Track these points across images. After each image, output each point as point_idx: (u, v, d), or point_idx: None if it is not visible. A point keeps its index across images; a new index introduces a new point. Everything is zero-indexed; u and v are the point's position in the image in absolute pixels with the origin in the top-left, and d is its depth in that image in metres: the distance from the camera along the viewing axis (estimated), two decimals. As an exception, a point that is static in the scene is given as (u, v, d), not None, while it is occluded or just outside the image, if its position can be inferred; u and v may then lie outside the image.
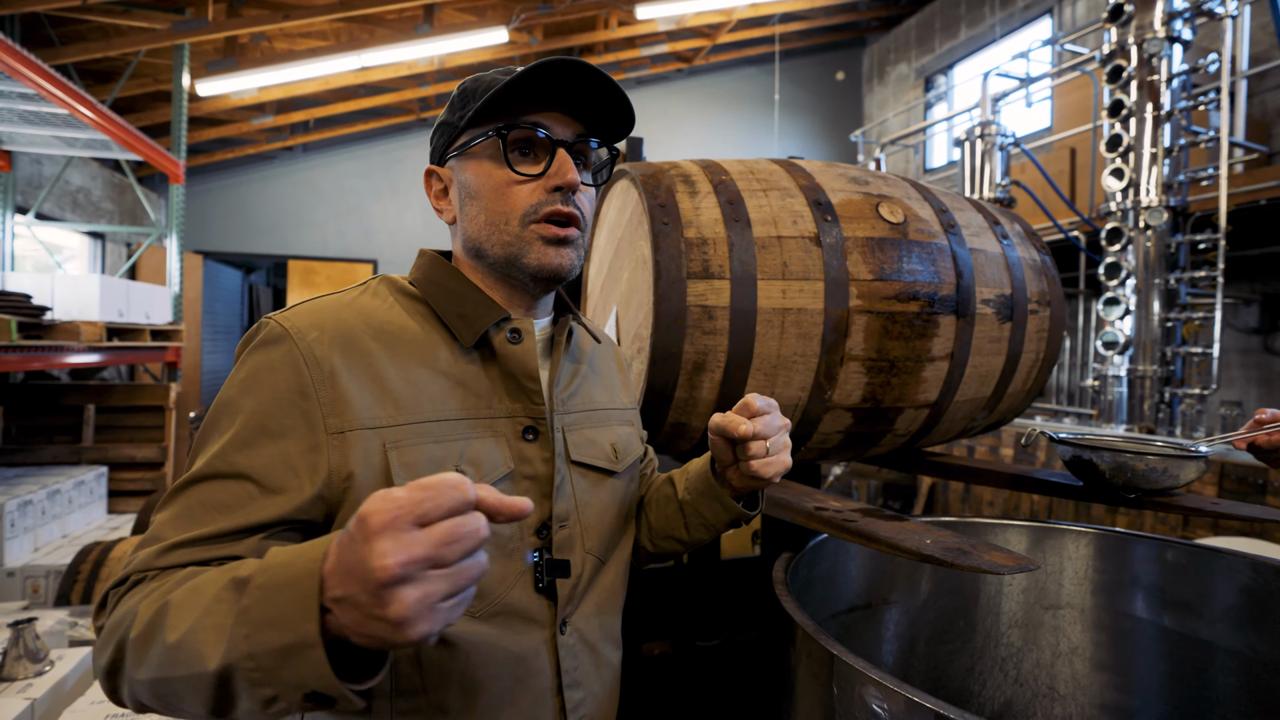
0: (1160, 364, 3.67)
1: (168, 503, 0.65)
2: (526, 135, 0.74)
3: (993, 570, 0.79)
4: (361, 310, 0.74)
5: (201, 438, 0.68)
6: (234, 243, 8.00)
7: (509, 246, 0.75)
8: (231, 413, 0.67)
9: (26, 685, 1.82)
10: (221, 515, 0.63)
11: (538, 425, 0.76)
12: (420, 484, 0.46)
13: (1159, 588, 1.19)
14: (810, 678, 0.84)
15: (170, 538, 0.62)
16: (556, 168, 0.74)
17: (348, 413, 0.68)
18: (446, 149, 0.79)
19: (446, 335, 0.76)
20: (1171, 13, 3.60)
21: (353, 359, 0.70)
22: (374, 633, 0.46)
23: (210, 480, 0.64)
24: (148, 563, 0.61)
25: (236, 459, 0.65)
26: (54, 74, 3.35)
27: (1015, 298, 1.48)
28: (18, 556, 3.33)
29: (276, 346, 0.69)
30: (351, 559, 0.46)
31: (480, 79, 0.76)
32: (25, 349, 3.10)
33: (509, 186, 0.75)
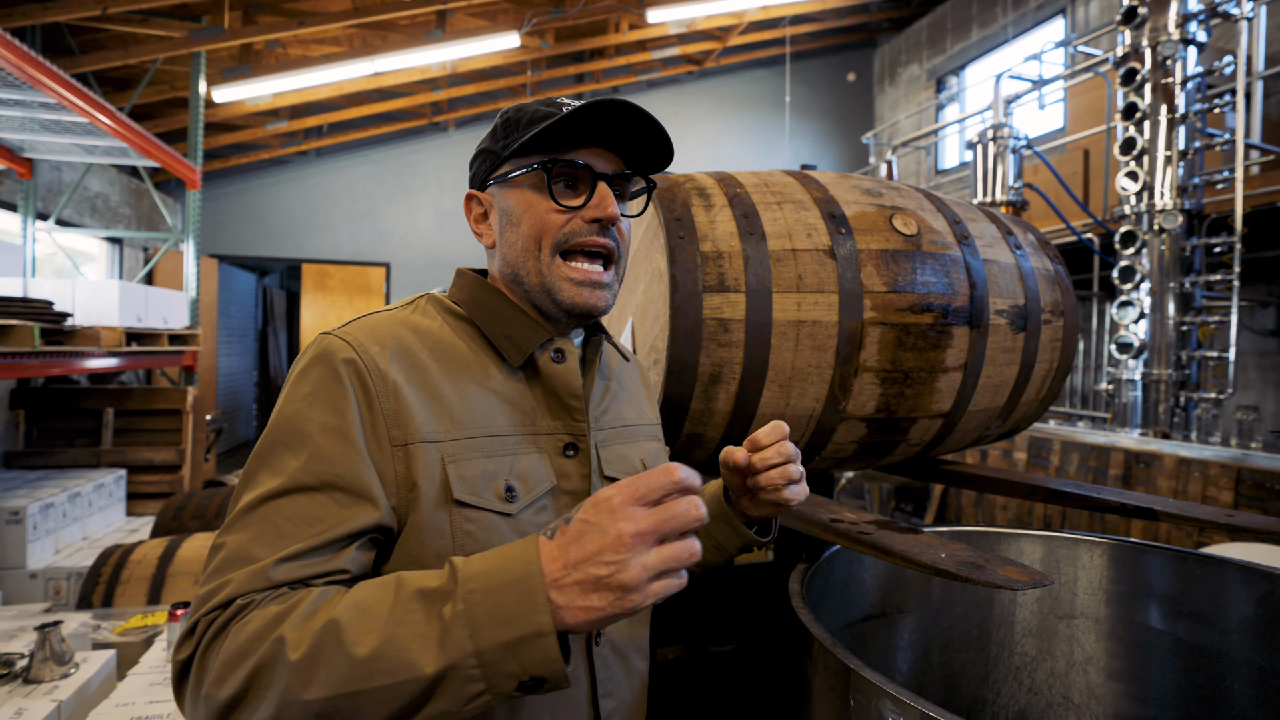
0: (1175, 368, 3.65)
1: (243, 521, 0.64)
2: (567, 170, 0.77)
3: (1007, 586, 0.80)
4: (415, 328, 0.77)
5: (267, 453, 0.67)
6: (248, 247, 8.08)
7: (542, 277, 0.77)
8: (302, 426, 0.67)
9: (53, 688, 1.86)
10: (314, 528, 0.63)
11: (578, 442, 0.79)
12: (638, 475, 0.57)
13: (1173, 598, 1.20)
14: (826, 689, 0.85)
15: (265, 557, 0.61)
16: (597, 200, 0.76)
17: (410, 426, 0.70)
18: (488, 175, 0.82)
19: (493, 354, 0.79)
20: (1186, 14, 3.57)
21: (412, 374, 0.72)
22: (597, 604, 0.54)
23: (294, 494, 0.64)
24: (249, 584, 0.60)
25: (321, 470, 0.65)
26: (74, 83, 3.41)
27: (1029, 308, 1.49)
28: (40, 559, 3.39)
29: (340, 360, 0.70)
30: (586, 536, 0.55)
31: (523, 110, 0.78)
32: (47, 354, 3.16)
33: (549, 215, 0.77)
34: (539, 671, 0.55)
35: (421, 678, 0.54)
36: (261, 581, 0.60)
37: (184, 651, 0.60)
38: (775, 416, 1.33)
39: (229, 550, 0.62)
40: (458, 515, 0.70)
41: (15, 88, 3.28)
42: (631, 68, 8.57)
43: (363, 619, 0.56)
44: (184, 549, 3.11)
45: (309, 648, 0.55)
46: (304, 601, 0.59)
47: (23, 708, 1.73)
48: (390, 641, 0.55)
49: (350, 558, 0.64)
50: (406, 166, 8.47)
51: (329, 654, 0.55)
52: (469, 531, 0.70)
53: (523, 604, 0.54)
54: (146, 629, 2.41)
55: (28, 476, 3.85)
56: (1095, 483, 3.61)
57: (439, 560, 0.69)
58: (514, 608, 0.54)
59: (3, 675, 1.89)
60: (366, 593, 0.58)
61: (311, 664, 0.55)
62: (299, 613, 0.58)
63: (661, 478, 0.56)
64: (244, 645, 0.57)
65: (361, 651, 0.54)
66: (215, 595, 0.60)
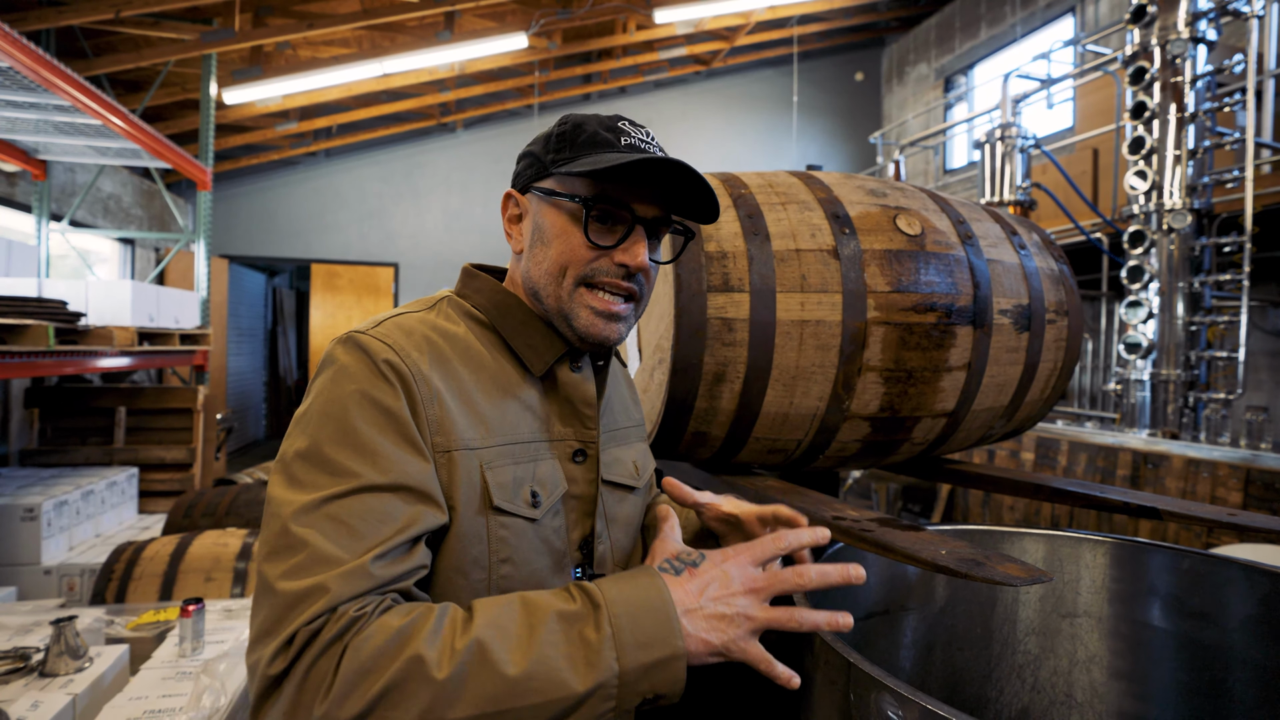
0: (1184, 368, 3.63)
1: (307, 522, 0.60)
2: (608, 208, 0.76)
3: (1006, 582, 0.81)
4: (444, 333, 0.77)
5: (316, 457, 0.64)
6: (258, 247, 8.15)
7: (560, 301, 0.77)
8: (355, 424, 0.65)
9: (68, 681, 1.89)
10: (389, 526, 0.62)
11: (586, 448, 0.80)
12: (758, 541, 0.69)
13: (1177, 597, 1.20)
14: (827, 684, 0.86)
15: (351, 557, 0.59)
16: (629, 246, 0.76)
17: (452, 433, 0.70)
18: (531, 181, 0.80)
19: (514, 361, 0.79)
20: (1196, 13, 3.55)
21: (449, 380, 0.72)
22: (714, 639, 0.63)
23: (363, 494, 0.62)
24: (350, 587, 0.58)
25: (387, 468, 0.64)
26: (88, 85, 3.45)
27: (1033, 308, 1.49)
28: (54, 555, 3.44)
29: (384, 361, 0.69)
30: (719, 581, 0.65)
31: (581, 127, 0.77)
32: (61, 353, 3.20)
33: (579, 248, 0.76)
34: (663, 690, 0.61)
35: (571, 695, 0.58)
36: (365, 581, 0.59)
37: (278, 665, 0.56)
38: (779, 415, 1.34)
39: (302, 553, 0.59)
40: (494, 521, 0.71)
41: (30, 90, 3.32)
42: (639, 68, 8.58)
43: (506, 640, 0.59)
44: (195, 546, 3.15)
45: (456, 668, 0.56)
46: (427, 618, 0.59)
47: (39, 700, 1.76)
48: (541, 661, 0.58)
49: (422, 554, 0.65)
50: (415, 167, 8.52)
51: (477, 673, 0.57)
52: (503, 538, 0.71)
53: (661, 629, 0.61)
54: (159, 624, 2.45)
55: (42, 474, 3.90)
56: (1103, 483, 3.60)
57: (476, 566, 0.70)
58: (655, 632, 0.60)
59: (19, 669, 1.92)
60: (496, 612, 0.61)
61: (459, 683, 0.56)
62: (428, 629, 0.58)
63: (772, 545, 0.68)
64: (370, 661, 0.55)
65: (513, 671, 0.57)
66: (310, 603, 0.57)
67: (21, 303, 3.00)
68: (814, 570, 0.65)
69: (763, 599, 0.65)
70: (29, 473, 3.94)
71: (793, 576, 0.65)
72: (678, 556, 0.68)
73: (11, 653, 1.99)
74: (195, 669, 2.04)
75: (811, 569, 0.65)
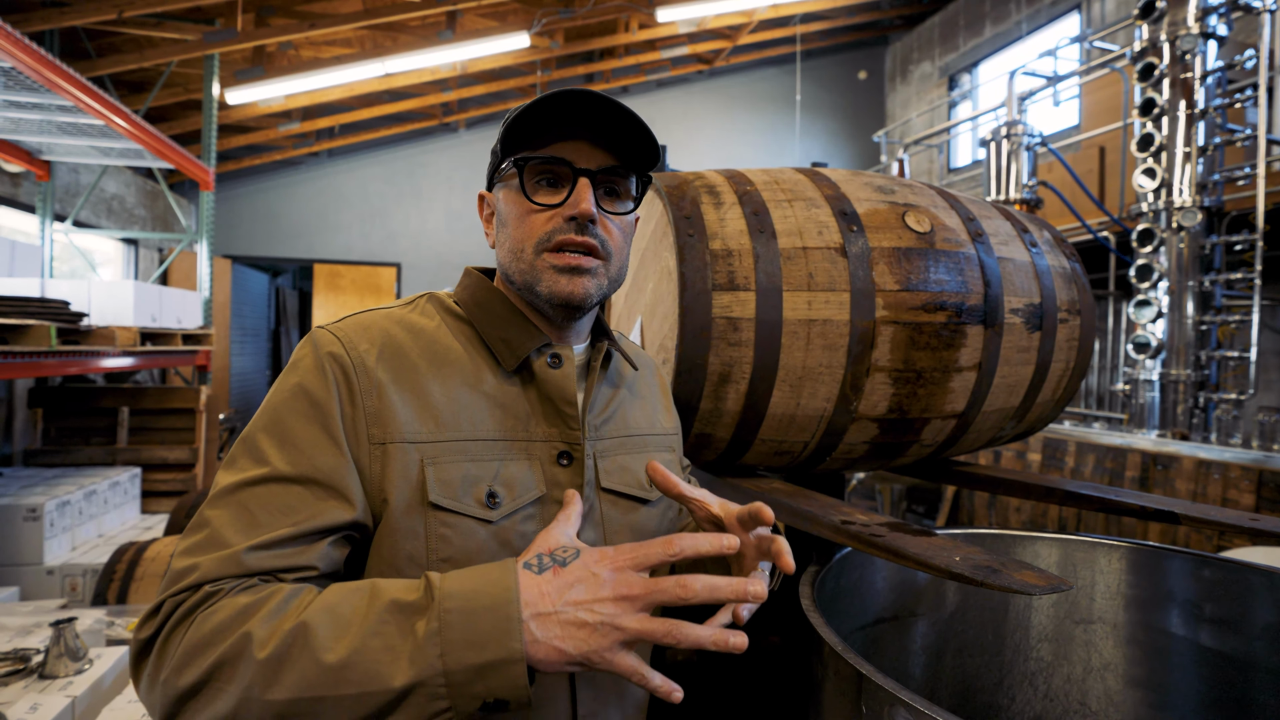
0: (1194, 368, 3.59)
1: (219, 505, 0.64)
2: (546, 166, 0.74)
3: (1024, 590, 0.78)
4: (410, 327, 0.76)
5: (250, 440, 0.67)
6: (261, 247, 8.15)
7: (525, 274, 0.76)
8: (284, 416, 0.67)
9: (68, 683, 1.87)
10: (288, 518, 0.63)
11: (572, 451, 0.77)
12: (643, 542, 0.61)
13: (1195, 604, 1.17)
14: (838, 695, 0.83)
15: (238, 543, 0.61)
16: (574, 198, 0.74)
17: (391, 425, 0.69)
18: (492, 175, 0.82)
19: (489, 357, 0.77)
20: (1205, 8, 3.51)
21: (399, 373, 0.72)
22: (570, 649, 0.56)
23: (272, 483, 0.64)
24: (219, 570, 0.60)
25: (299, 461, 0.65)
26: (91, 86, 3.44)
27: (1044, 307, 1.46)
28: (57, 555, 3.43)
29: (327, 354, 0.70)
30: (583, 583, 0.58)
31: (526, 105, 0.76)
32: (64, 353, 3.19)
33: (528, 215, 0.75)
34: (503, 695, 0.55)
35: (388, 690, 0.54)
36: (233, 567, 0.60)
37: (146, 631, 0.59)
38: (786, 417, 1.31)
39: (203, 533, 0.62)
40: (433, 518, 0.68)
41: (34, 91, 3.31)
42: (641, 67, 8.56)
43: (334, 624, 0.56)
44: (197, 547, 3.14)
45: (277, 647, 0.55)
46: (274, 598, 0.58)
47: (38, 703, 1.74)
48: (360, 651, 0.55)
49: (321, 553, 0.64)
50: (417, 167, 8.51)
51: (297, 656, 0.55)
52: (444, 536, 0.69)
53: (498, 629, 0.55)
54: (159, 627, 2.43)
55: (45, 474, 3.90)
56: (1111, 485, 3.56)
57: (411, 563, 0.68)
58: (489, 632, 0.55)
59: (19, 670, 1.91)
60: (339, 597, 0.58)
61: (278, 664, 0.54)
62: (268, 609, 0.57)
63: (660, 549, 0.59)
64: (208, 635, 0.56)
65: (331, 658, 0.54)
66: (184, 577, 0.60)
67: (24, 303, 2.99)
68: (700, 582, 0.58)
69: (638, 608, 0.57)
70: (32, 473, 3.94)
71: (674, 587, 0.57)
72: (551, 552, 0.61)
73: (11, 654, 1.97)
74: (195, 672, 2.02)
75: (698, 580, 0.58)
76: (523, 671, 0.55)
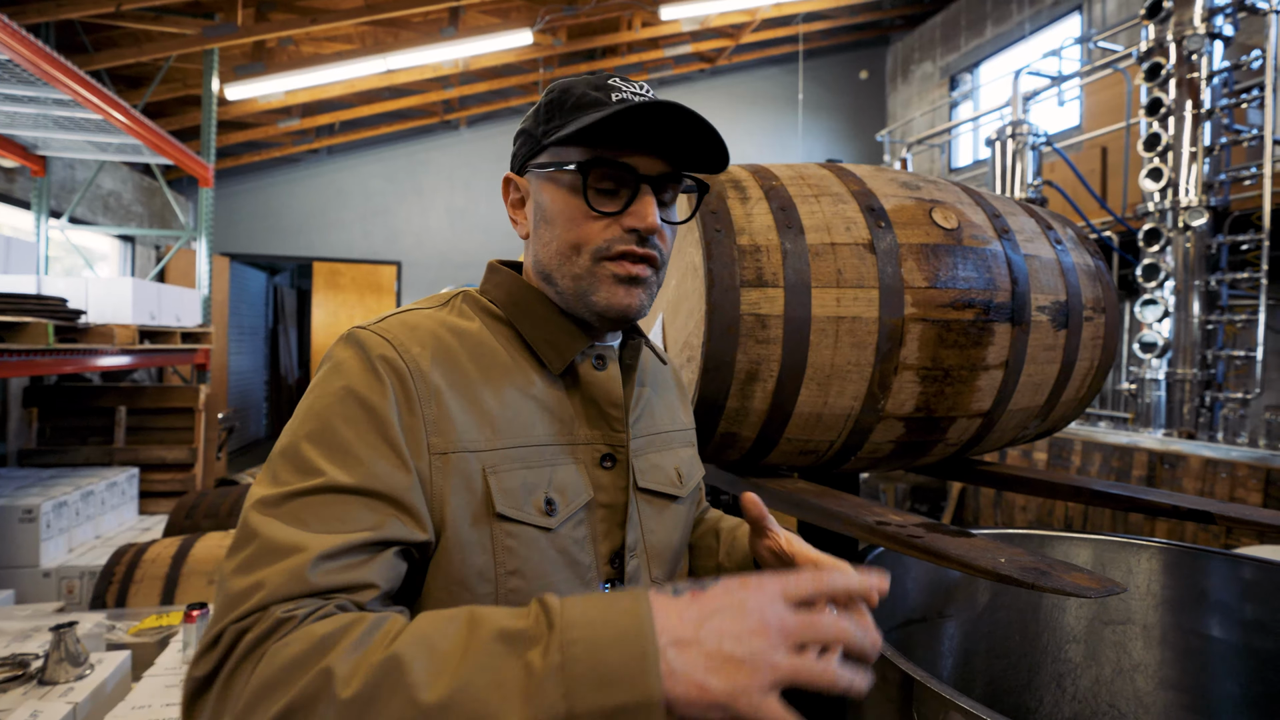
0: (1201, 367, 3.58)
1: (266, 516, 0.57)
2: (611, 172, 0.71)
3: (1077, 593, 0.76)
4: (454, 329, 0.72)
5: (291, 453, 0.61)
6: (260, 245, 8.09)
7: (578, 280, 0.72)
8: (335, 423, 0.61)
9: (68, 689, 1.83)
10: (349, 527, 0.58)
11: (616, 453, 0.74)
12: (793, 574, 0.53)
13: (1231, 605, 1.15)
14: (883, 700, 0.81)
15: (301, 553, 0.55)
16: (636, 208, 0.70)
17: (450, 434, 0.65)
18: (527, 160, 0.76)
19: (532, 359, 0.74)
20: (1212, 8, 3.51)
21: (453, 379, 0.68)
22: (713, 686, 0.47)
23: (327, 493, 0.58)
24: (285, 588, 0.53)
25: (354, 470, 0.60)
26: (89, 80, 3.40)
27: (1070, 304, 1.44)
28: (53, 557, 3.39)
29: (378, 356, 0.65)
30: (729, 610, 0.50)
31: (569, 91, 0.72)
32: (61, 352, 3.14)
33: (585, 220, 0.71)
34: None
35: None
36: (299, 585, 0.54)
37: (204, 666, 0.52)
38: (813, 416, 1.29)
39: (252, 546, 0.55)
40: (499, 530, 0.65)
41: (30, 84, 3.27)
42: (644, 65, 8.53)
43: (431, 658, 0.49)
44: (198, 548, 3.09)
45: (364, 686, 0.48)
46: (356, 627, 0.52)
47: (38, 710, 1.70)
48: (464, 689, 0.47)
49: (384, 569, 0.58)
50: (419, 165, 8.46)
51: (388, 697, 0.47)
52: (510, 547, 0.65)
53: (632, 666, 0.47)
54: (161, 629, 2.39)
55: (41, 475, 3.85)
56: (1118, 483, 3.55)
57: (481, 579, 0.64)
58: (621, 669, 0.47)
59: (17, 676, 1.87)
60: (433, 626, 0.51)
61: (365, 706, 0.47)
62: (350, 641, 0.50)
63: (811, 584, 0.53)
64: (281, 673, 0.49)
65: (429, 697, 0.47)
66: (246, 599, 0.53)
67: (20, 300, 2.95)
68: (861, 623, 0.52)
69: (791, 644, 0.49)
70: (28, 473, 3.88)
71: (834, 625, 0.50)
72: (697, 581, 0.58)
73: (10, 660, 1.93)
74: (200, 675, 1.98)
75: (862, 619, 0.53)
76: (660, 717, 0.46)
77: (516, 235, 7.08)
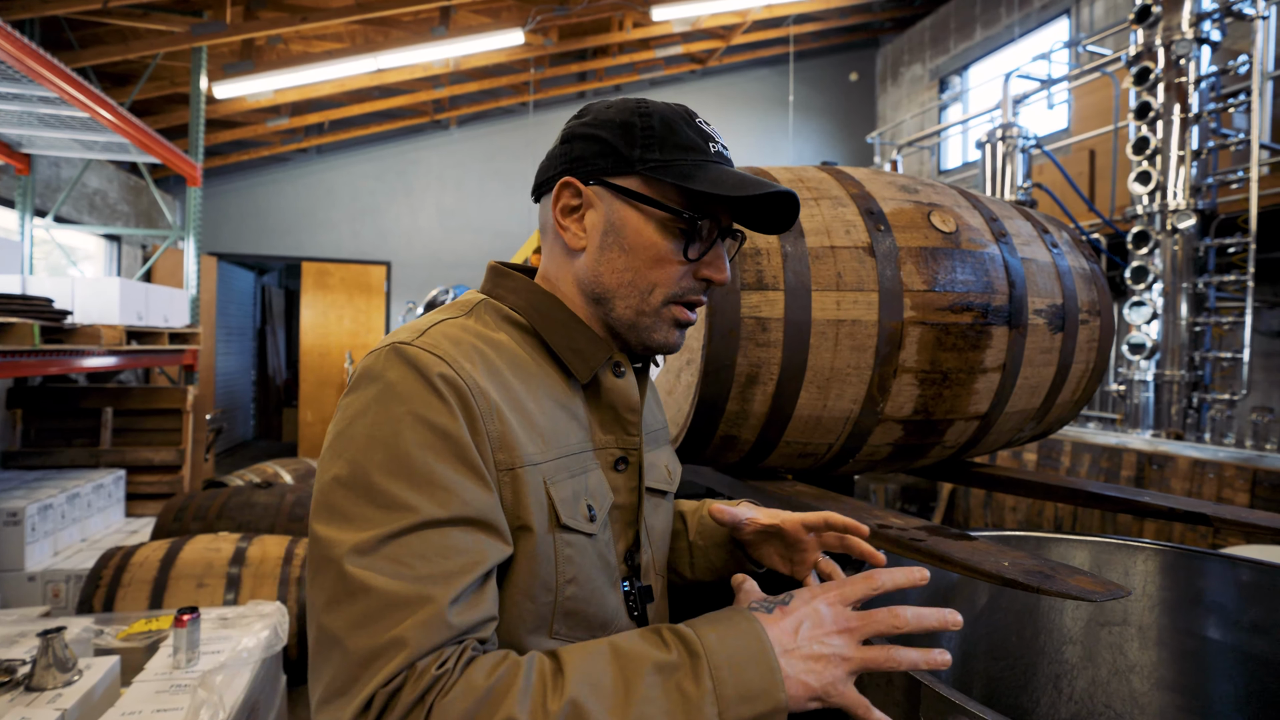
0: (1188, 369, 3.62)
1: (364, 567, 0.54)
2: (704, 220, 0.72)
3: (1083, 597, 0.77)
4: (488, 340, 0.70)
5: (366, 488, 0.58)
6: (248, 245, 8.02)
7: (642, 316, 0.73)
8: (409, 450, 0.59)
9: (56, 695, 1.81)
10: (458, 562, 0.57)
11: (629, 455, 0.76)
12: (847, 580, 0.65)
13: (1227, 607, 1.16)
14: (889, 705, 0.81)
15: (421, 606, 0.53)
16: (715, 260, 0.73)
17: (514, 448, 0.64)
18: (603, 174, 0.71)
19: (556, 367, 0.74)
20: (1200, 13, 3.55)
21: (503, 392, 0.66)
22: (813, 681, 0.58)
23: (423, 530, 0.56)
24: (428, 639, 0.53)
25: (448, 502, 0.58)
26: (76, 77, 3.35)
27: (1066, 307, 1.45)
28: (38, 561, 3.34)
29: (436, 375, 0.62)
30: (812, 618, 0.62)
31: (669, 124, 0.71)
32: (47, 352, 3.10)
33: (671, 263, 0.72)
34: None
35: None
36: (443, 632, 0.53)
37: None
38: (812, 419, 1.29)
39: (373, 600, 0.53)
40: (561, 540, 0.67)
41: (15, 81, 3.22)
42: (634, 66, 8.53)
43: (601, 698, 0.54)
44: (186, 551, 3.06)
45: None
46: (516, 674, 0.54)
47: (26, 716, 1.68)
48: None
49: (493, 595, 0.59)
50: (408, 164, 8.41)
51: None
52: (569, 556, 0.67)
53: (765, 680, 0.57)
54: (150, 634, 2.36)
55: (25, 477, 3.79)
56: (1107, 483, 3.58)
57: (544, 589, 0.65)
58: (758, 684, 0.56)
59: (4, 683, 1.83)
60: (587, 667, 0.56)
61: None
62: (518, 688, 0.53)
63: (864, 585, 0.64)
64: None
65: None
66: (385, 660, 0.52)
67: (6, 300, 2.91)
68: (910, 612, 0.62)
69: (858, 639, 0.61)
70: (12, 475, 3.83)
71: (888, 618, 0.61)
72: (764, 600, 0.65)
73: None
74: (191, 681, 1.96)
75: (908, 611, 0.62)
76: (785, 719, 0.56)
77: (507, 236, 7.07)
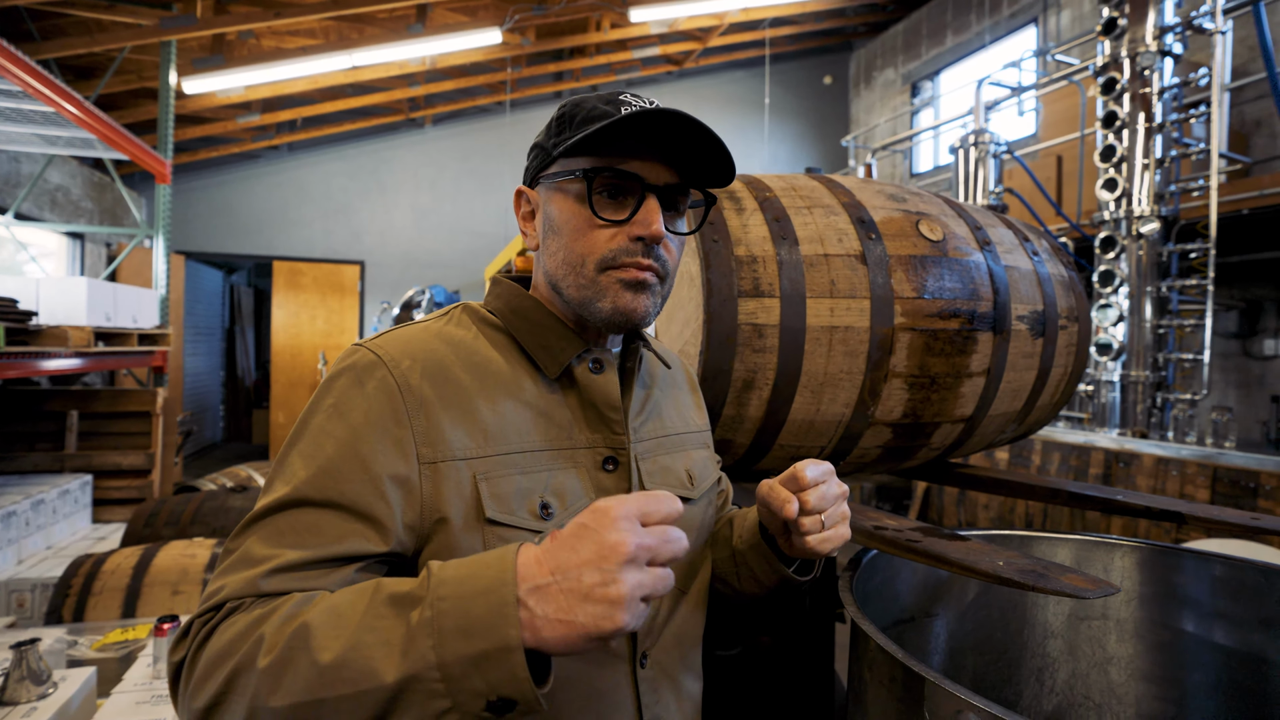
0: (1152, 369, 3.75)
1: (251, 528, 0.63)
2: (614, 180, 0.72)
3: (1075, 594, 0.80)
4: (450, 340, 0.74)
5: (284, 462, 0.66)
6: (217, 243, 7.84)
7: (584, 290, 0.73)
8: (320, 438, 0.66)
9: (30, 709, 1.76)
10: (309, 540, 0.62)
11: (618, 455, 0.76)
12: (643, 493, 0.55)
13: (1201, 601, 1.22)
14: (892, 701, 0.84)
15: (260, 564, 0.60)
16: (642, 216, 0.71)
17: (440, 444, 0.67)
18: (538, 173, 0.77)
19: (529, 366, 0.76)
20: (1163, 27, 3.68)
21: (445, 389, 0.69)
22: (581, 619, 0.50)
23: (299, 506, 0.63)
24: (242, 589, 0.59)
25: (326, 485, 0.63)
26: (39, 70, 3.25)
27: (1047, 314, 1.50)
28: (2, 569, 3.24)
29: (370, 373, 0.68)
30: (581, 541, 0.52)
31: (580, 106, 0.73)
32: (11, 355, 3.00)
33: (590, 229, 0.72)
34: (506, 692, 0.50)
35: (382, 687, 0.50)
36: (252, 588, 0.59)
37: (177, 654, 0.59)
38: (805, 423, 1.32)
39: (233, 556, 0.62)
40: (490, 535, 0.67)
41: (-24, 74, 3.11)
42: (611, 66, 8.54)
43: (334, 624, 0.53)
44: (160, 558, 2.99)
45: (280, 652, 0.52)
46: (287, 604, 0.57)
47: (0, 731, 1.63)
48: (355, 648, 0.51)
49: (342, 580, 0.62)
50: (382, 163, 8.31)
51: (296, 659, 0.52)
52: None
53: (491, 614, 0.50)
54: (126, 644, 2.31)
55: (-13, 483, 3.67)
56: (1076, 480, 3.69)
57: None
58: (482, 618, 0.50)
59: (-24, 697, 1.78)
60: (344, 597, 0.56)
61: (279, 670, 0.52)
62: (280, 615, 0.55)
63: (666, 504, 0.55)
64: (224, 648, 0.55)
65: (326, 657, 0.51)
66: (211, 599, 0.59)
67: (-32, 301, 2.81)
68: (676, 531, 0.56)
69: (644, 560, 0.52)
70: (-27, 482, 3.70)
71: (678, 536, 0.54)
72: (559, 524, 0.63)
73: (-32, 679, 1.84)
74: (173, 691, 1.92)
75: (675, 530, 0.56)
76: (521, 662, 0.49)
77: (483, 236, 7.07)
